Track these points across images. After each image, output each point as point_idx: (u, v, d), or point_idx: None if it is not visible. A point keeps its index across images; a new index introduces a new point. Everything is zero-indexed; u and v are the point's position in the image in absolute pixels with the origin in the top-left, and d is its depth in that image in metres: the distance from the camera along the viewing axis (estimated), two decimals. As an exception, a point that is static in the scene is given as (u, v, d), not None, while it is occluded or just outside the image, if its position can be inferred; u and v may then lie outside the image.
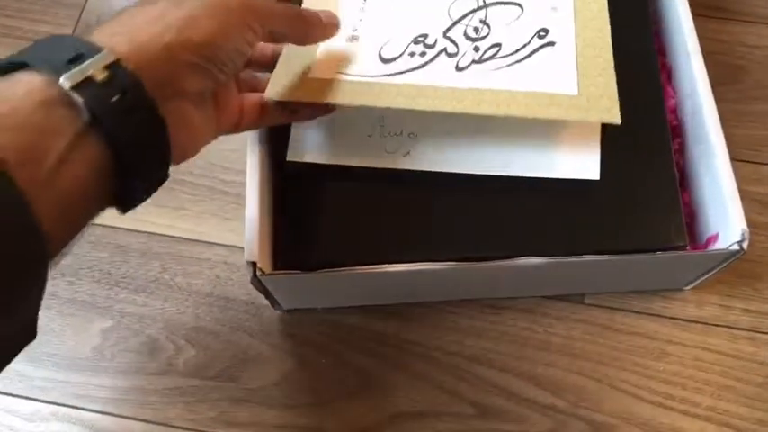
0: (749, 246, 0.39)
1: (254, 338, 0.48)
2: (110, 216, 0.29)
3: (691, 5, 0.45)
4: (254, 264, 0.38)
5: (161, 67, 0.28)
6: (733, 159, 0.41)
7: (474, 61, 0.40)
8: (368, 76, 0.40)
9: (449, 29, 0.42)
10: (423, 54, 0.41)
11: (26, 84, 0.25)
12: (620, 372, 0.46)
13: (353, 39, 0.42)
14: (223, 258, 0.50)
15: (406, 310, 0.48)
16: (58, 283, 0.49)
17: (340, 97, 0.39)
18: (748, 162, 0.51)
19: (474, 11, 0.43)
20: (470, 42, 0.41)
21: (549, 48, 0.41)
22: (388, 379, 0.46)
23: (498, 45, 0.41)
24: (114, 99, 0.25)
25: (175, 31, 0.28)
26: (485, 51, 0.41)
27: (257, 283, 0.39)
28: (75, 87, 0.25)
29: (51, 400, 0.46)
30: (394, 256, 0.40)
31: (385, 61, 0.41)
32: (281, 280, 0.40)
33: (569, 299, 0.48)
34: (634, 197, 0.41)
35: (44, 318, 0.48)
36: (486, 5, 0.43)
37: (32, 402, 0.46)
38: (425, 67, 0.40)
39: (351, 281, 0.42)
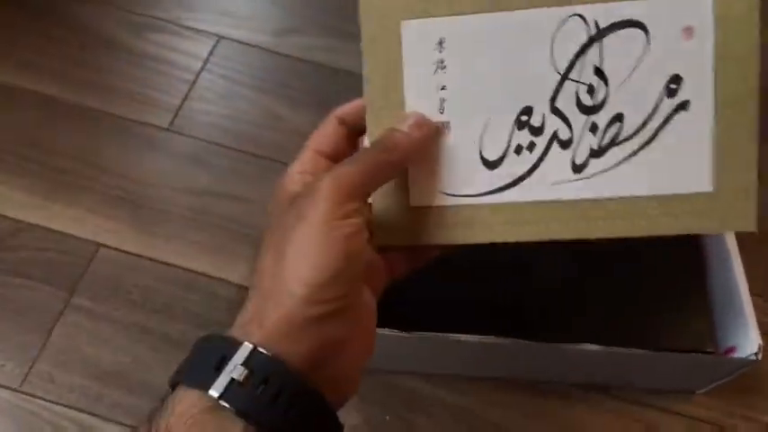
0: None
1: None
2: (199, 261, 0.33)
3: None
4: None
5: (296, 335, 0.28)
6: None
7: (593, 152, 0.34)
8: (475, 196, 0.35)
9: (557, 91, 0.34)
10: (531, 147, 0.35)
11: (181, 401, 0.27)
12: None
13: (445, 128, 0.35)
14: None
15: (456, 382, 0.54)
16: (153, 319, 0.55)
17: (451, 237, 0.35)
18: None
19: (585, 48, 0.34)
20: (585, 117, 0.35)
21: (681, 114, 0.34)
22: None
23: (620, 118, 0.34)
24: (259, 391, 0.27)
25: (293, 293, 0.28)
26: (604, 132, 0.34)
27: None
28: (224, 393, 0.26)
29: (137, 424, 0.51)
30: (460, 327, 0.46)
31: (490, 165, 0.35)
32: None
33: (601, 389, 0.55)
34: (671, 305, 0.50)
35: (139, 349, 0.53)
36: (600, 34, 0.34)
37: (120, 427, 0.51)
38: (538, 170, 0.35)
39: (431, 344, 0.48)
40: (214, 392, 0.26)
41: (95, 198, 0.60)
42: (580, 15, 0.34)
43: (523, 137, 0.35)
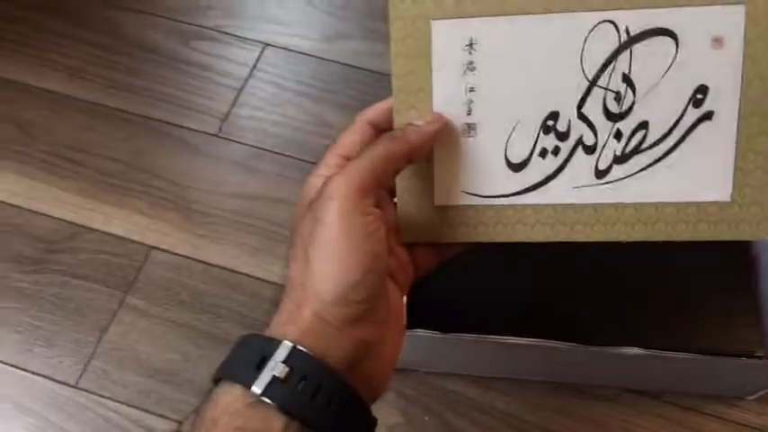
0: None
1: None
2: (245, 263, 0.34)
3: None
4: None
5: (331, 336, 0.29)
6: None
7: (616, 158, 0.35)
8: (499, 197, 0.36)
9: (584, 98, 0.35)
10: (556, 151, 0.35)
11: (225, 396, 0.28)
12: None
13: (470, 129, 0.35)
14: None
15: (499, 384, 0.54)
16: (200, 319, 0.57)
17: (472, 235, 0.36)
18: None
19: (615, 54, 0.34)
20: (611, 123, 0.35)
21: (706, 124, 0.34)
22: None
23: (645, 125, 0.35)
24: (300, 388, 0.28)
25: (321, 296, 0.29)
26: (628, 138, 0.35)
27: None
28: (267, 390, 0.27)
29: (182, 419, 0.53)
30: (504, 328, 0.46)
31: (515, 168, 0.36)
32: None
33: (648, 394, 0.54)
34: (720, 307, 0.49)
35: (187, 347, 0.55)
36: (630, 41, 0.34)
37: (167, 421, 0.53)
38: (561, 174, 0.35)
39: (471, 347, 0.48)
40: (257, 389, 0.27)
41: (145, 202, 0.62)
42: (611, 21, 0.34)
43: (549, 141, 0.35)
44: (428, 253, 0.36)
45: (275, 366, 0.28)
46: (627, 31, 0.34)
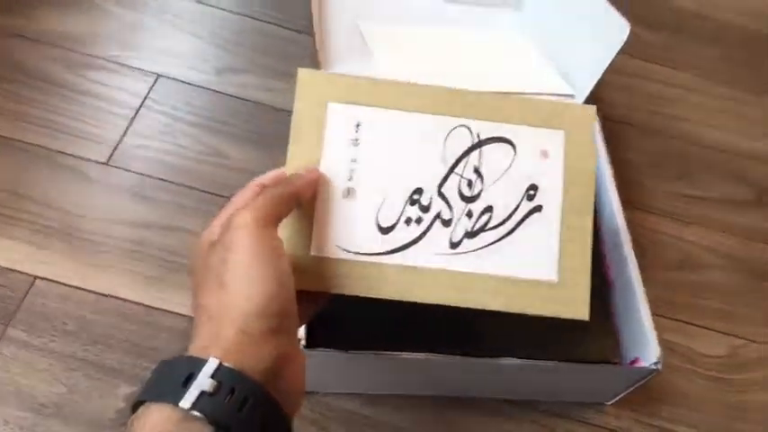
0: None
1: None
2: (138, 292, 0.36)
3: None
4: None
5: (254, 349, 0.31)
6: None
7: (467, 234, 0.42)
8: (367, 255, 0.41)
9: (444, 180, 0.43)
10: (419, 221, 0.42)
11: (152, 416, 0.29)
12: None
13: (350, 193, 0.42)
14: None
15: (389, 400, 0.57)
16: (89, 350, 0.55)
17: (340, 286, 0.41)
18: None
19: (469, 151, 0.43)
20: (464, 204, 0.42)
21: (536, 215, 0.43)
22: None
23: (490, 209, 0.42)
24: (227, 400, 0.29)
25: (244, 311, 0.32)
26: (477, 218, 0.42)
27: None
28: (196, 404, 0.28)
29: (74, 454, 0.51)
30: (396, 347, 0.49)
31: (383, 231, 0.42)
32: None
33: (525, 403, 0.59)
34: (584, 324, 0.55)
35: (75, 379, 0.54)
36: (480, 143, 0.43)
37: (55, 455, 0.51)
38: (422, 241, 0.42)
39: (369, 363, 0.51)
40: (185, 404, 0.28)
41: (30, 230, 0.60)
42: (467, 126, 0.43)
43: (413, 212, 0.42)
44: (304, 301, 0.38)
45: (203, 382, 0.29)
46: (478, 135, 0.43)
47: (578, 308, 0.42)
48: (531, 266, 0.42)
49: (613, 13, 0.61)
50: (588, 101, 0.62)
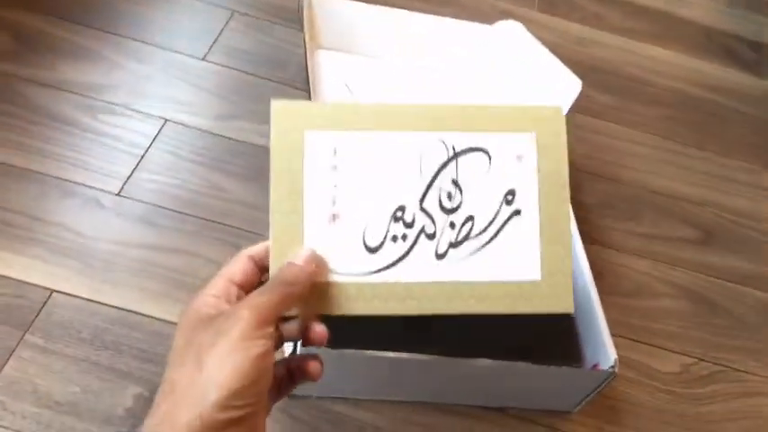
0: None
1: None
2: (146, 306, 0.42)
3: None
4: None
5: None
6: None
7: (451, 244, 0.43)
8: (357, 275, 0.42)
9: (424, 195, 0.44)
10: (404, 237, 0.43)
11: None
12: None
13: (335, 218, 0.43)
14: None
15: (377, 407, 0.63)
16: (101, 355, 0.60)
17: (335, 308, 0.42)
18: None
19: (446, 164, 0.44)
20: (446, 216, 0.44)
21: (517, 218, 0.44)
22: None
23: (471, 218, 0.44)
24: None
25: (210, 398, 0.32)
26: (460, 228, 0.44)
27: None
28: None
29: (85, 447, 0.55)
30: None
31: (371, 250, 0.43)
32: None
33: (496, 409, 0.65)
34: (547, 333, 0.62)
35: (88, 380, 0.58)
36: (456, 155, 0.44)
37: (67, 448, 0.55)
38: (409, 256, 0.43)
39: (358, 363, 0.57)
40: None
41: (47, 250, 0.66)
42: (441, 140, 0.44)
43: (398, 229, 0.43)
44: (295, 329, 0.41)
45: None
46: (453, 148, 0.44)
47: (563, 302, 0.44)
48: (514, 268, 0.43)
49: (567, 71, 0.72)
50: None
